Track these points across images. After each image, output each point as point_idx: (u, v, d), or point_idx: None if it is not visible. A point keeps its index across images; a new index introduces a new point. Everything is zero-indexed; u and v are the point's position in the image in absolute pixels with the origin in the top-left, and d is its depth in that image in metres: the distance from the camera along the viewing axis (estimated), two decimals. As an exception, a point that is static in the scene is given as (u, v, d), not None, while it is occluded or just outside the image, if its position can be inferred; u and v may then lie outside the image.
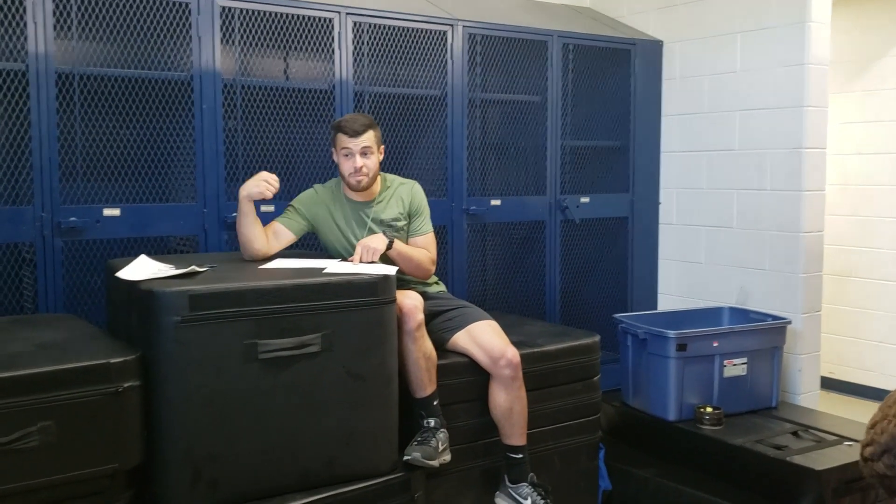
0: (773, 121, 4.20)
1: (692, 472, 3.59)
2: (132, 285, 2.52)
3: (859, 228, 5.48)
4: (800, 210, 4.10)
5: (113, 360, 2.28)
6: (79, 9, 3.05)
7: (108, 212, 3.15)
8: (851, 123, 5.51)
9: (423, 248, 3.18)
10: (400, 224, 3.17)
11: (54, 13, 2.98)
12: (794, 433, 3.57)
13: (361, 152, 3.02)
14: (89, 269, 3.18)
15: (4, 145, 3.07)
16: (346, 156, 3.04)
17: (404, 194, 3.20)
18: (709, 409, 3.68)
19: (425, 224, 3.24)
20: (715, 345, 3.76)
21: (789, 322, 4.00)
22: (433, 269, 3.20)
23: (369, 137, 3.04)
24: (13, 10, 2.93)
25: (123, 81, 3.22)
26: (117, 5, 3.13)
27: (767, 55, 4.23)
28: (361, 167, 3.03)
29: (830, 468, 3.21)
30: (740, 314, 4.20)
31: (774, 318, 4.01)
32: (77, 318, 2.93)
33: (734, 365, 3.81)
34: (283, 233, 3.08)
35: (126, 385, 2.28)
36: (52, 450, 2.17)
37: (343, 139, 3.03)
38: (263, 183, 2.91)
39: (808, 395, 4.21)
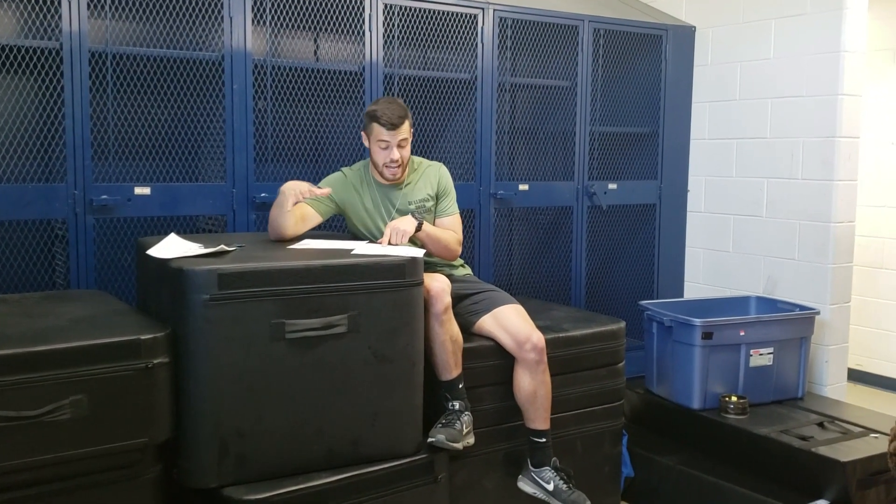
0: (807, 109, 4.15)
1: (716, 460, 3.58)
2: (162, 263, 2.54)
3: (892, 219, 5.41)
4: (831, 200, 4.06)
5: (143, 337, 2.30)
6: (113, -12, 3.07)
7: (139, 190, 3.18)
8: (886, 113, 5.43)
9: (449, 228, 3.19)
10: (429, 205, 3.18)
11: (89, -8, 3.01)
12: (820, 424, 3.55)
13: (399, 144, 3.02)
14: (120, 246, 3.22)
15: (39, 123, 3.11)
16: (384, 148, 3.02)
17: (432, 175, 3.21)
18: (734, 399, 3.66)
19: (452, 205, 3.24)
20: (741, 334, 3.74)
21: (817, 312, 3.96)
22: (460, 249, 3.21)
23: (406, 129, 3.02)
24: (48, -12, 2.96)
25: (155, 61, 3.25)
26: (150, -15, 3.15)
27: (802, 42, 4.17)
28: (398, 159, 3.03)
29: (856, 460, 3.19)
30: (768, 304, 4.17)
31: (802, 308, 3.98)
32: (108, 294, 2.96)
33: (760, 354, 3.78)
34: (310, 215, 3.09)
35: (156, 361, 2.31)
36: (83, 423, 2.21)
37: (381, 131, 2.99)
38: (299, 191, 2.89)
39: (835, 387, 4.17)
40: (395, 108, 3.01)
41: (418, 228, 2.98)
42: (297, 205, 3.01)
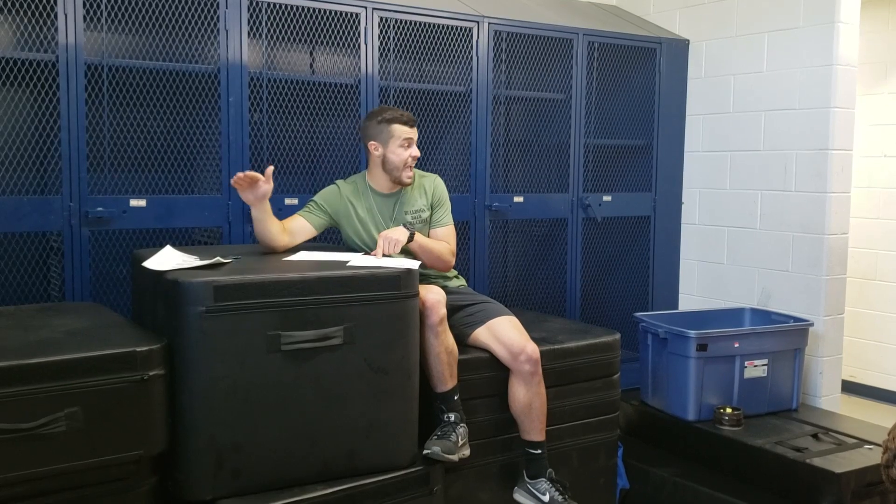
0: (800, 122, 4.18)
1: (710, 472, 3.58)
2: (158, 275, 2.54)
3: (884, 231, 5.43)
4: (825, 212, 4.08)
5: (139, 349, 2.30)
6: (108, 1, 3.08)
7: (134, 202, 3.18)
8: (878, 125, 5.46)
9: (443, 239, 3.20)
10: (424, 216, 3.19)
11: (84, 5, 3.01)
12: (815, 436, 3.56)
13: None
14: (115, 258, 3.22)
15: (34, 135, 3.12)
16: (408, 145, 3.10)
17: (427, 186, 3.23)
18: (728, 410, 3.67)
19: (446, 216, 3.26)
20: (736, 345, 3.75)
21: (811, 324, 3.98)
22: (453, 260, 3.22)
23: None
24: (44, 1, 2.97)
25: (151, 73, 3.26)
26: (147, -2, 3.16)
27: (795, 55, 4.20)
28: (418, 155, 3.13)
29: (850, 471, 3.19)
30: (762, 315, 4.18)
31: (796, 319, 3.99)
32: (103, 306, 2.96)
33: (755, 366, 3.79)
34: (304, 227, 3.10)
35: (151, 373, 2.31)
36: (79, 435, 2.20)
37: (403, 129, 3.09)
38: (239, 186, 2.89)
39: (829, 398, 4.18)
40: (398, 109, 3.14)
41: (410, 238, 2.99)
42: (287, 218, 3.05)
